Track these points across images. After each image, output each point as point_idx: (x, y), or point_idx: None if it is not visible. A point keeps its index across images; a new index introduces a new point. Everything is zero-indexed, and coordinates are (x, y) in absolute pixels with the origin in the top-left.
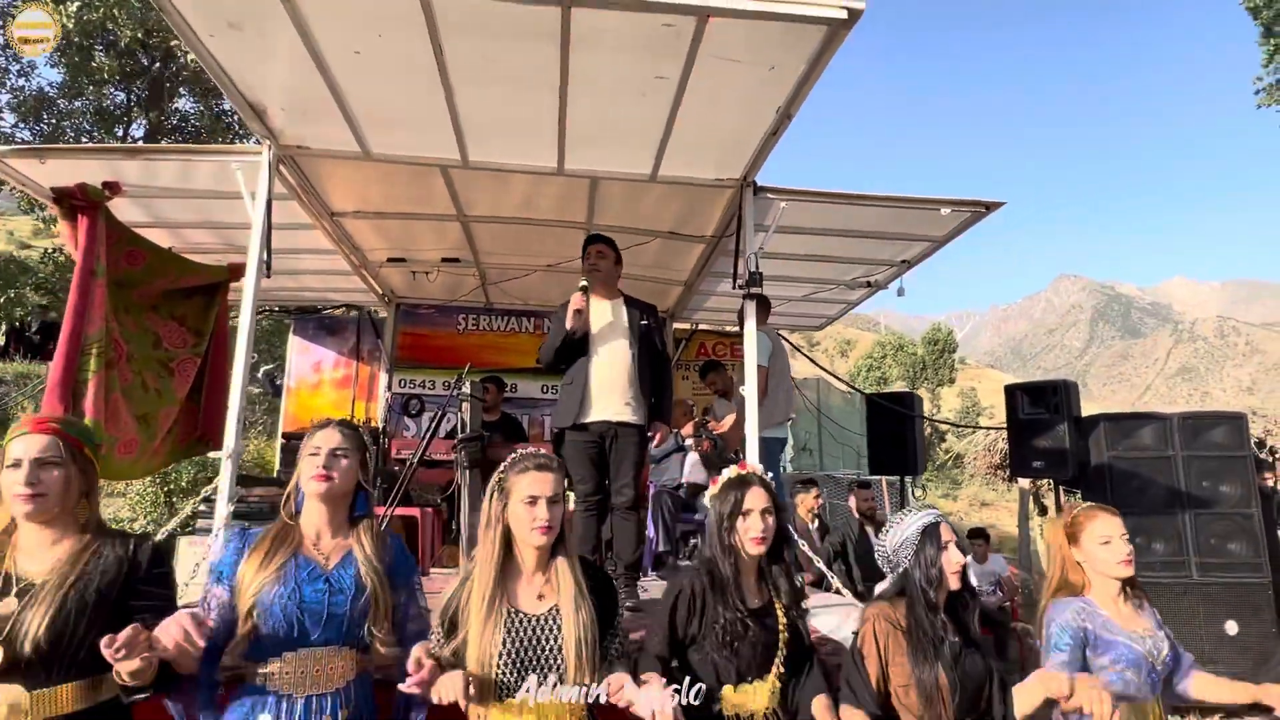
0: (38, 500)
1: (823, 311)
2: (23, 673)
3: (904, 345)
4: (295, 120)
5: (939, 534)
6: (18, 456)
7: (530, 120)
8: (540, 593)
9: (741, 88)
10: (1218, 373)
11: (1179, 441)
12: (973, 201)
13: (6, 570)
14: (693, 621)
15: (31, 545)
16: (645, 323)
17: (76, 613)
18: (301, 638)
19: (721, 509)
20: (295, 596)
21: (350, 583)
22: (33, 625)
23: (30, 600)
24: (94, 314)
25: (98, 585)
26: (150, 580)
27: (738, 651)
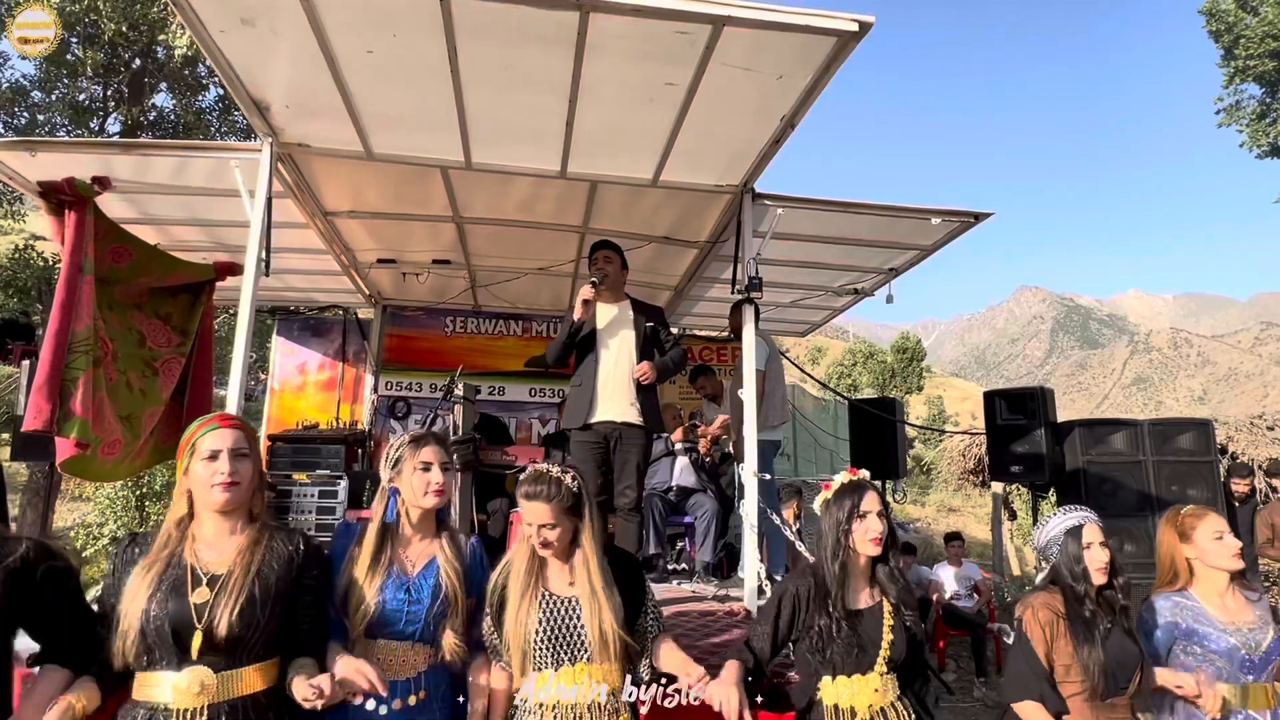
0: (234, 489)
1: (808, 318)
2: (212, 656)
3: (874, 353)
4: (298, 118)
5: (1082, 534)
6: (216, 449)
7: (538, 124)
8: (570, 579)
9: (748, 96)
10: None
11: (1149, 446)
12: (962, 212)
13: (190, 561)
14: (796, 622)
15: (210, 536)
16: (650, 325)
17: (260, 602)
18: (382, 633)
19: (838, 513)
20: (383, 601)
21: (429, 592)
22: (226, 612)
23: (221, 589)
24: (81, 311)
25: (276, 576)
26: (312, 575)
27: (830, 653)
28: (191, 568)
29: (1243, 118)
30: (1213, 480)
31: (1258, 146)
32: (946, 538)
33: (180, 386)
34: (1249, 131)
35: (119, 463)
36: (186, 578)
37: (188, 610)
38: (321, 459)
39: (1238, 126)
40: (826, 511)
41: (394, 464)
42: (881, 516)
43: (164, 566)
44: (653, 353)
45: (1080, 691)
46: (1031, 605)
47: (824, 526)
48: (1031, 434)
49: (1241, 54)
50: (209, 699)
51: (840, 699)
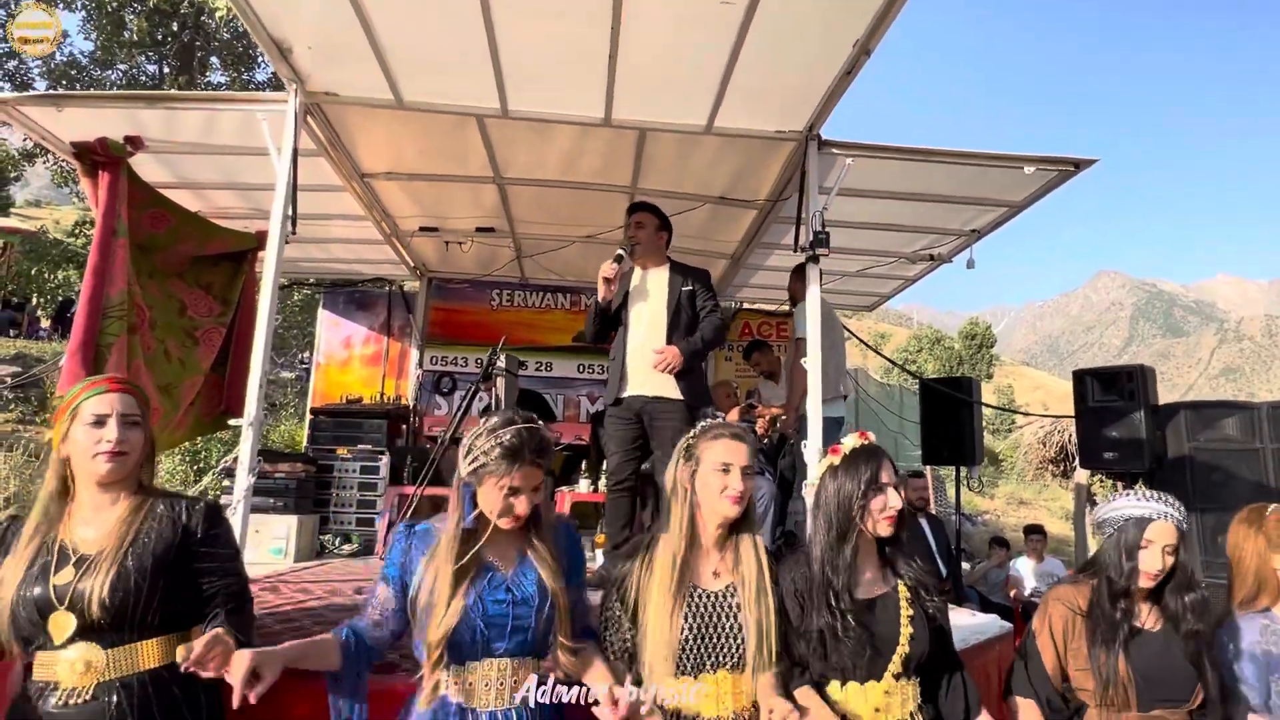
0: (120, 459)
1: (877, 289)
2: (97, 634)
3: (940, 339)
4: (324, 62)
5: (1148, 529)
6: (102, 413)
7: (577, 59)
8: (716, 569)
9: (816, 16)
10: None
11: (1268, 433)
12: (1061, 159)
13: (62, 539)
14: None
15: (88, 512)
16: (687, 288)
17: (137, 572)
18: (486, 649)
19: (850, 485)
20: (479, 608)
21: (533, 590)
22: (96, 591)
23: (89, 569)
24: (115, 275)
25: (157, 545)
26: (209, 541)
27: (837, 657)
28: (62, 547)
29: None
30: None
31: None
32: (1026, 530)
33: (221, 358)
34: None
35: (159, 434)
36: (55, 558)
37: (48, 594)
38: (364, 434)
39: None
40: (830, 482)
41: (473, 467)
42: (898, 490)
43: (36, 549)
44: (682, 321)
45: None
46: (1050, 600)
47: (827, 501)
48: (1129, 417)
49: None
50: (98, 677)
51: (850, 705)
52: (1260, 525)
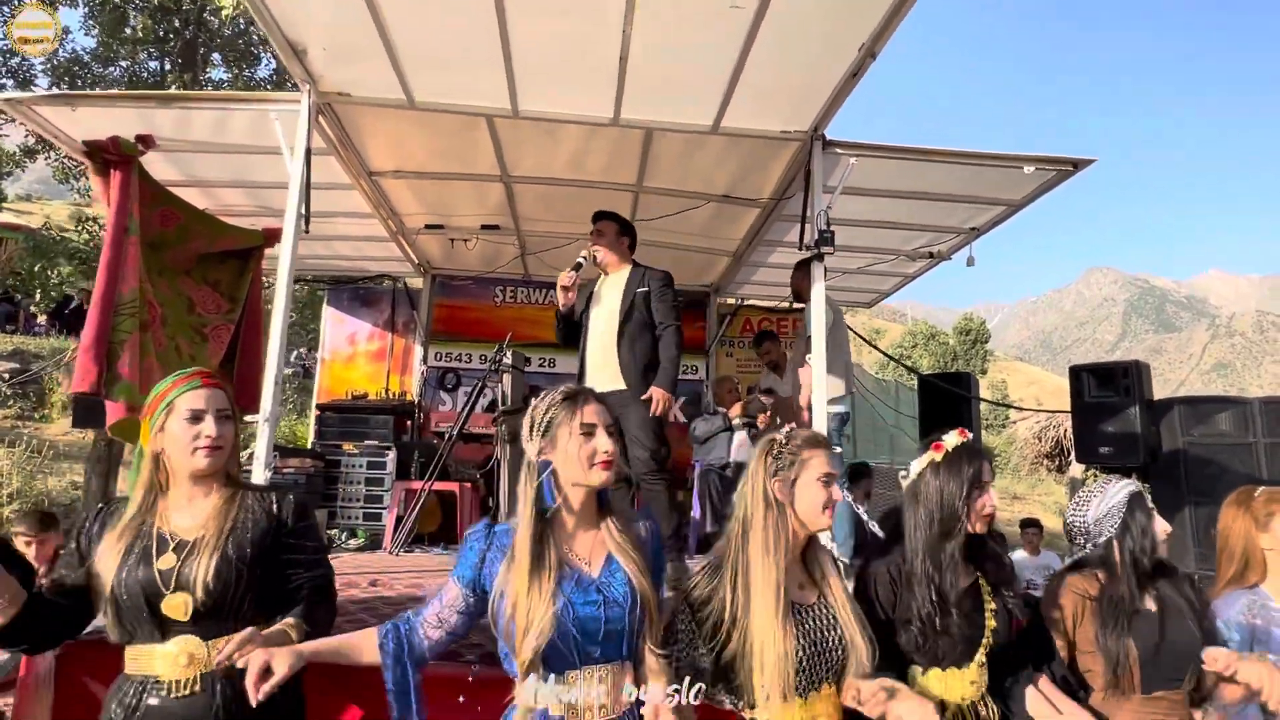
0: (218, 454)
1: (877, 286)
2: (193, 624)
3: (935, 335)
4: (337, 63)
5: (1145, 500)
6: (198, 409)
7: (588, 60)
8: (801, 582)
9: (823, 19)
10: (1255, 369)
11: (1262, 427)
12: (1060, 159)
13: (159, 527)
14: (894, 610)
15: (183, 501)
16: (642, 290)
17: (236, 561)
18: (582, 656)
19: (953, 484)
20: (570, 613)
21: (624, 591)
22: (200, 575)
23: (190, 553)
24: (127, 273)
25: (253, 535)
26: (299, 534)
27: (933, 644)
28: (160, 534)
29: None
30: None
31: None
32: (1022, 524)
33: (229, 354)
34: None
35: None
36: (153, 544)
37: (154, 578)
38: (370, 429)
39: None
40: (933, 478)
41: (544, 429)
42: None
43: (134, 535)
44: (634, 323)
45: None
46: (1063, 589)
47: (928, 497)
48: (1124, 412)
49: None
50: (200, 669)
51: (935, 692)
52: (1248, 506)
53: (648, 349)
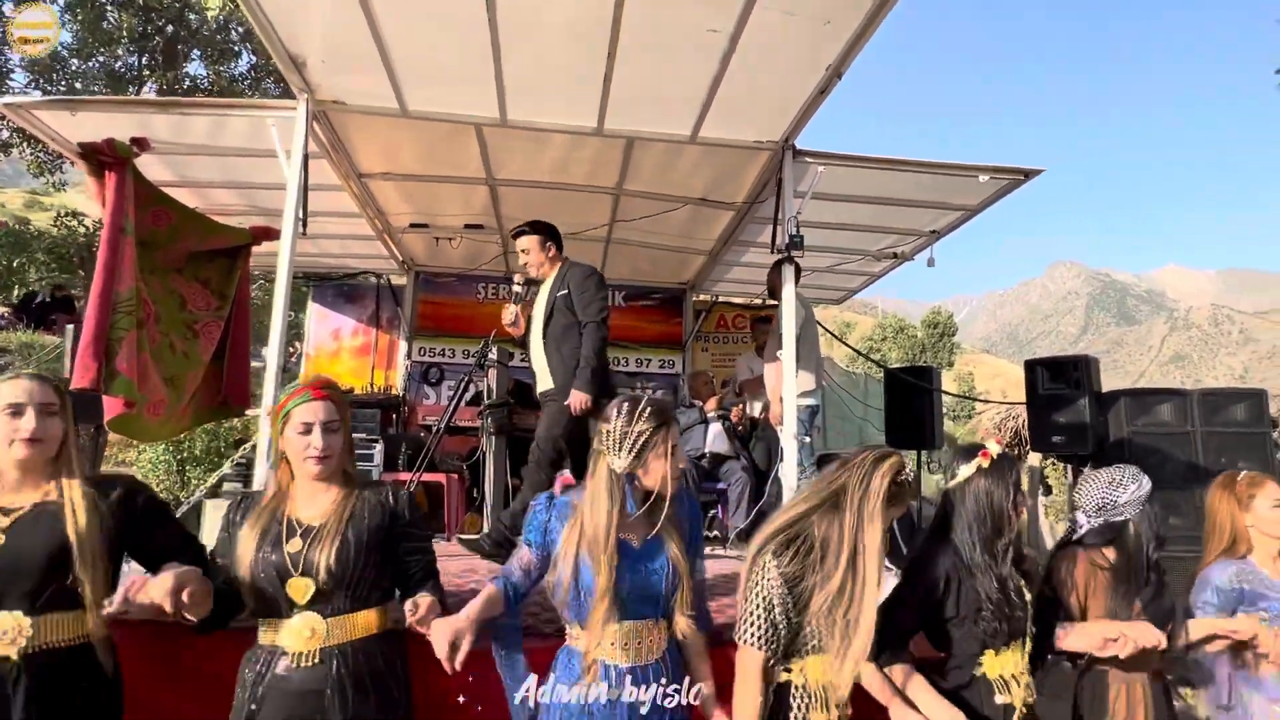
0: (326, 462)
1: (845, 284)
2: (317, 603)
3: (904, 328)
4: (334, 73)
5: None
6: (308, 422)
7: (576, 76)
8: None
9: (793, 43)
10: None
11: (1199, 417)
12: (1011, 169)
13: (289, 515)
14: (958, 601)
15: (307, 494)
16: (562, 293)
17: (355, 546)
18: (624, 612)
19: (1001, 488)
20: (633, 576)
21: (662, 560)
22: (322, 559)
23: (315, 539)
24: (124, 272)
25: (369, 524)
26: (412, 524)
27: (1001, 625)
28: (290, 521)
29: None
30: (1265, 452)
31: None
32: None
33: (219, 350)
34: None
35: (164, 423)
36: (281, 530)
37: (283, 560)
38: (357, 423)
39: None
40: (980, 481)
41: (636, 451)
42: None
43: (267, 522)
44: (556, 326)
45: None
46: (1072, 560)
47: (979, 499)
48: (1075, 404)
49: None
50: (319, 643)
51: (1004, 670)
52: (1231, 489)
53: (576, 348)
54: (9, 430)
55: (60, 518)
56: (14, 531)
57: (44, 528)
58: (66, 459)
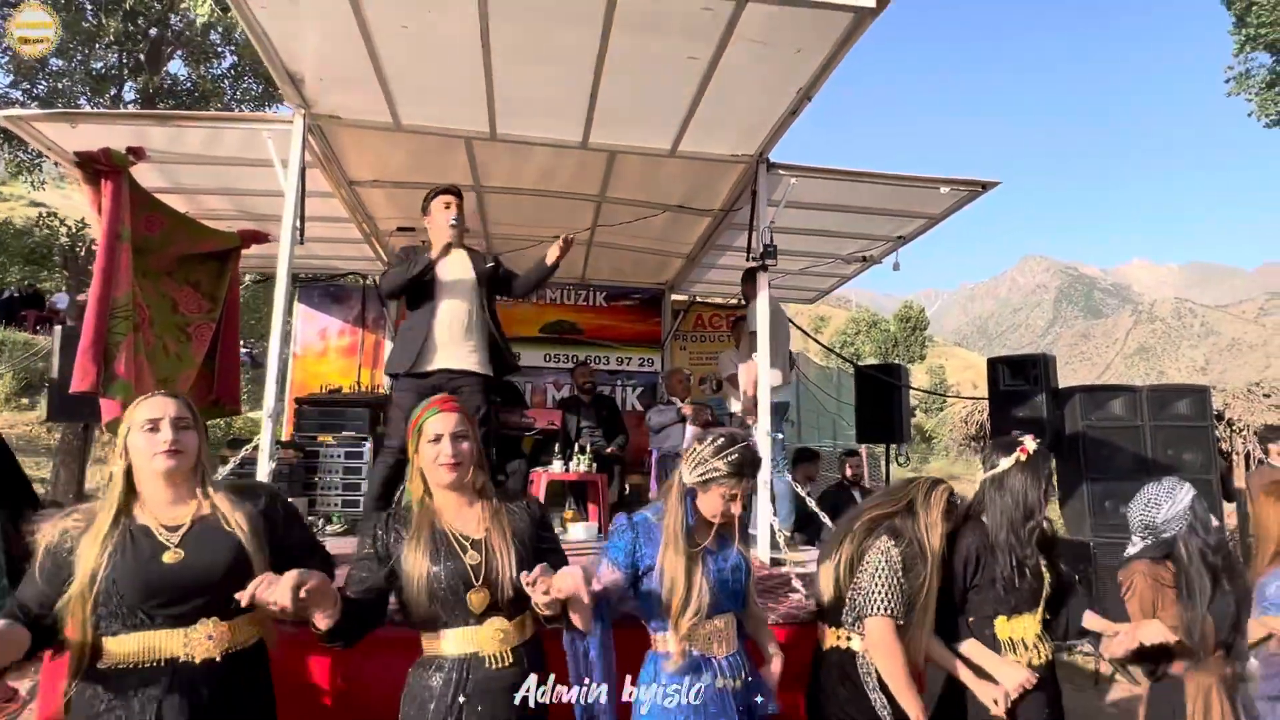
0: (459, 469)
1: (816, 285)
2: (499, 610)
3: (877, 322)
4: (331, 90)
5: (1201, 500)
6: (439, 432)
7: (563, 97)
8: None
9: (766, 69)
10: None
11: (1147, 412)
12: (970, 181)
13: (448, 529)
14: (978, 572)
15: (452, 507)
16: (489, 264)
17: (522, 559)
18: (714, 610)
19: (1034, 479)
20: (715, 575)
21: (737, 560)
22: (504, 571)
23: (489, 552)
24: (120, 278)
25: (524, 536)
26: (547, 529)
27: (1016, 593)
28: (453, 535)
29: (1252, 87)
30: (1208, 445)
31: (1266, 116)
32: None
33: (211, 352)
34: (1258, 101)
35: None
36: (453, 543)
37: (465, 571)
38: (347, 421)
39: (1247, 95)
40: (1018, 474)
41: (704, 478)
42: None
43: (429, 535)
44: (487, 294)
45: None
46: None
47: (1014, 489)
48: (1033, 399)
49: (1253, 21)
50: (511, 643)
51: (1014, 633)
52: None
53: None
54: (149, 445)
55: (222, 529)
56: (188, 545)
57: (215, 540)
58: (203, 471)
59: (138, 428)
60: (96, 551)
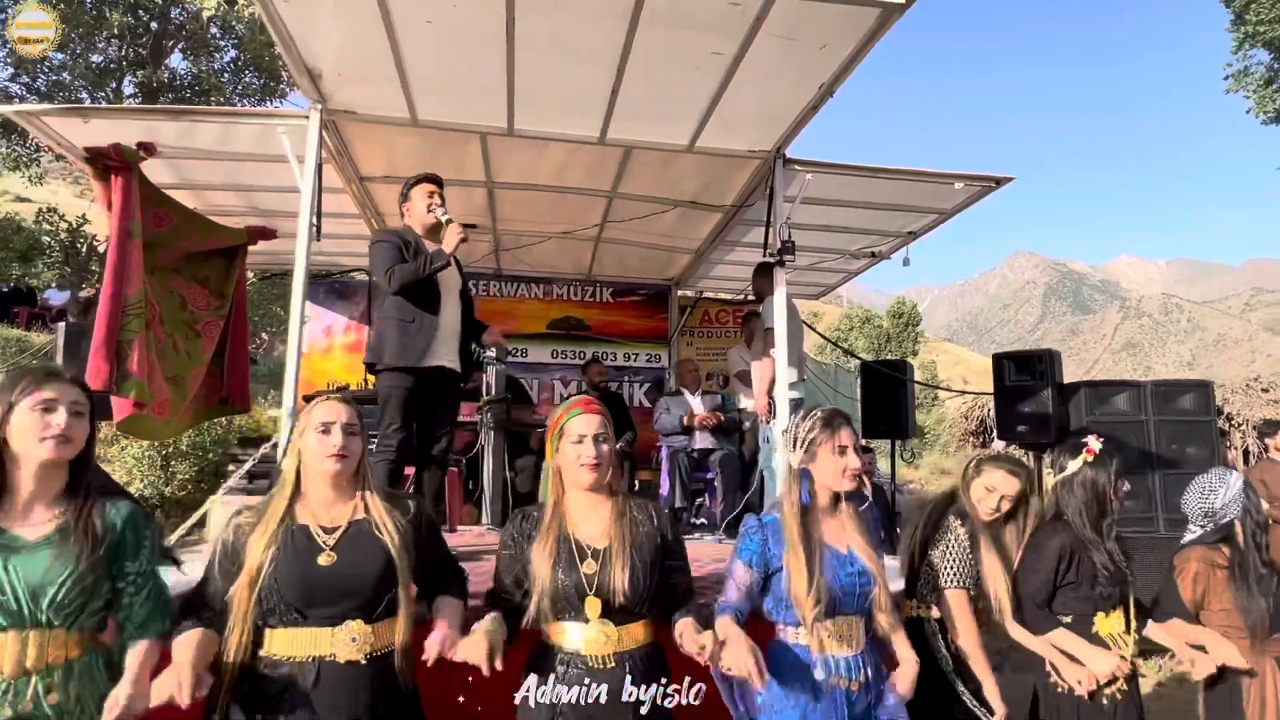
0: (599, 470)
1: (823, 280)
2: (612, 615)
3: (870, 318)
4: (348, 84)
5: (1251, 488)
6: (582, 433)
7: (583, 92)
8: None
9: (791, 64)
10: (1160, 348)
11: (1151, 407)
12: (985, 177)
13: (571, 534)
14: (1070, 569)
15: (583, 511)
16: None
17: (642, 571)
18: (836, 609)
19: (1103, 476)
20: (835, 580)
21: (864, 563)
22: (618, 583)
23: (605, 562)
24: (132, 275)
25: (648, 548)
26: (676, 541)
27: (1108, 589)
28: (576, 542)
29: (1250, 84)
30: (1211, 440)
31: (1264, 112)
32: None
33: (219, 349)
34: (1256, 97)
35: (168, 422)
36: (573, 552)
37: (581, 581)
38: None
39: (1245, 92)
40: (1089, 471)
41: (806, 446)
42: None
43: (555, 540)
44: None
45: (1242, 636)
46: (1190, 560)
47: (1085, 487)
48: (1038, 394)
49: (1252, 19)
50: (614, 648)
51: (1112, 629)
52: None
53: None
54: (321, 448)
55: (375, 534)
56: (341, 549)
57: (367, 545)
58: (364, 476)
59: (312, 430)
60: (261, 548)
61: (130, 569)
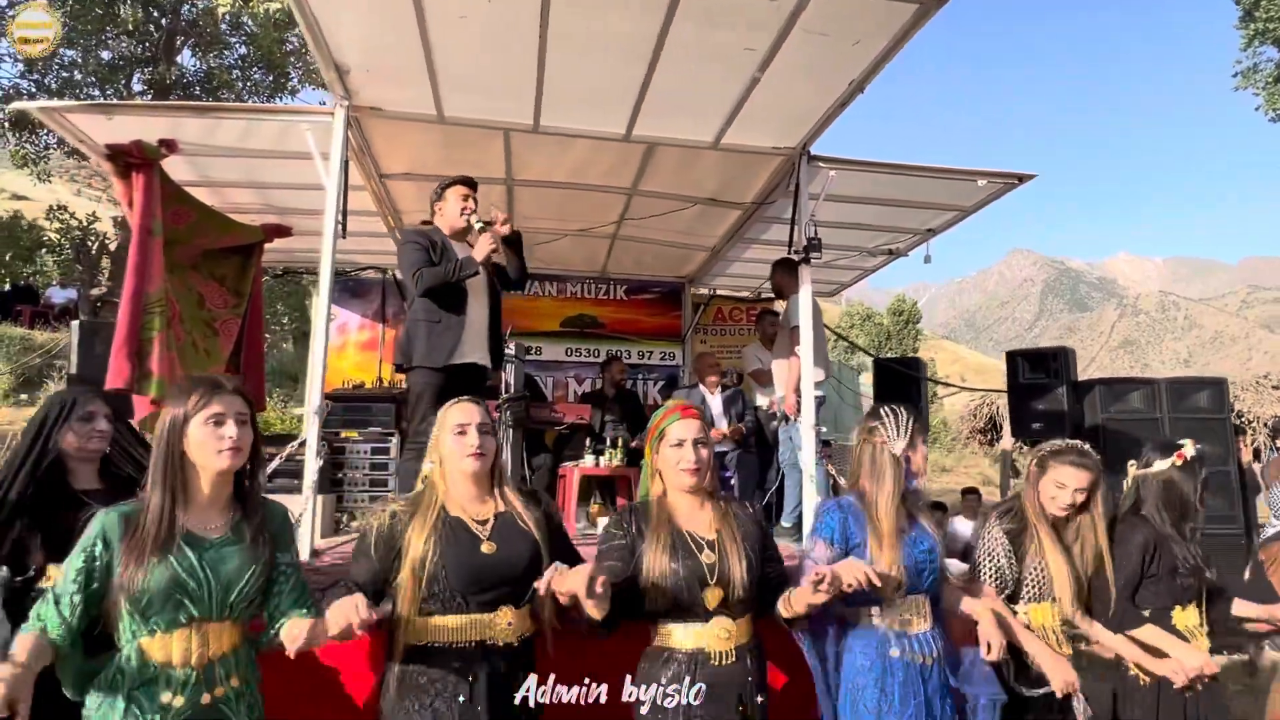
0: (699, 474)
1: (838, 278)
2: (724, 608)
3: (870, 316)
4: (375, 81)
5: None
6: (681, 437)
7: (612, 88)
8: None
9: (822, 61)
10: (1157, 345)
11: (1166, 404)
12: (1008, 174)
13: (684, 529)
14: (1153, 562)
15: (686, 509)
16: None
17: (753, 563)
18: (911, 589)
19: (1190, 480)
20: (910, 558)
21: (933, 542)
22: (737, 573)
23: (722, 553)
24: (153, 272)
25: (752, 541)
26: (770, 538)
27: (1188, 584)
28: (689, 534)
29: (1260, 80)
30: (1226, 436)
31: (1274, 109)
32: (964, 492)
33: (236, 348)
34: (1265, 94)
35: None
36: (689, 543)
37: (702, 570)
38: (373, 417)
39: (1254, 89)
40: (1177, 475)
41: (909, 437)
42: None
43: (668, 533)
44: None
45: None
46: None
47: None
48: (1053, 392)
49: (1261, 16)
50: (735, 643)
51: (1188, 623)
52: None
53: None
54: (459, 448)
55: (518, 525)
56: (497, 538)
57: (516, 535)
58: (500, 471)
59: (449, 431)
60: (423, 538)
61: (282, 560)
